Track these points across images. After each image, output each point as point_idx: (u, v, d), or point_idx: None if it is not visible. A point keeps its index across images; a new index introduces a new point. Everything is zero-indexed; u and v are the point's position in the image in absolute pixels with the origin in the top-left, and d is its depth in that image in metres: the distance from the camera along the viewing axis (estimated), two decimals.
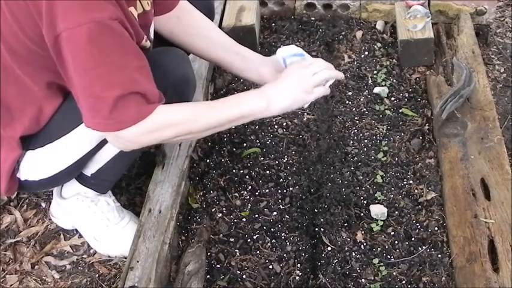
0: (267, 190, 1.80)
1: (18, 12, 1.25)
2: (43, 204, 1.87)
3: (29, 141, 1.47)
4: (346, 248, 1.65)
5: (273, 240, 1.67)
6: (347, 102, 2.13)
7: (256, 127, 1.99)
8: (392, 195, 1.79)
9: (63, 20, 1.19)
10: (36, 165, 1.50)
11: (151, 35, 1.56)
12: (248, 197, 1.79)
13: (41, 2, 1.19)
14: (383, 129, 2.00)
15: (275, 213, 1.74)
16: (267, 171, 1.86)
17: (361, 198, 1.79)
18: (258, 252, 1.65)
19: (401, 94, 2.15)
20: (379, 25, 2.45)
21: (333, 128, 2.02)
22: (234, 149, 1.93)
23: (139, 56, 1.30)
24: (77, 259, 1.73)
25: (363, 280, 1.58)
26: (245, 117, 1.44)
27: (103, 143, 1.49)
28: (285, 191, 1.80)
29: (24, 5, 1.22)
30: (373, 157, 1.91)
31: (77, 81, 1.25)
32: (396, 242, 1.67)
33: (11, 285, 1.67)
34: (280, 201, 1.77)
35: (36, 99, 1.39)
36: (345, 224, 1.72)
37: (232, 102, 1.43)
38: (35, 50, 1.29)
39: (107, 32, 1.22)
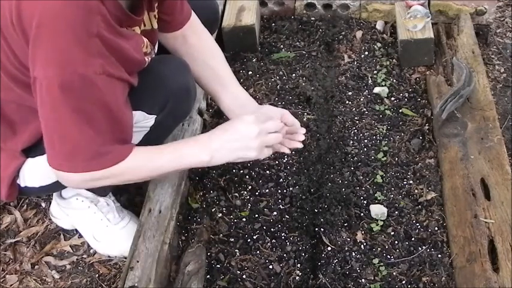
0: (267, 190, 1.80)
1: (12, 42, 1.23)
2: (43, 204, 1.87)
3: (29, 150, 1.46)
4: (346, 248, 1.65)
5: (273, 240, 1.67)
6: (347, 102, 2.13)
7: None
8: (392, 195, 1.79)
9: (43, 66, 1.17)
10: (36, 172, 1.49)
11: (155, 51, 1.56)
12: (248, 197, 1.79)
13: (28, 39, 1.17)
14: (383, 129, 2.00)
15: (275, 213, 1.74)
16: (267, 171, 1.86)
17: (361, 198, 1.79)
18: (258, 252, 1.65)
19: (401, 94, 2.15)
20: (379, 25, 2.45)
21: (333, 128, 2.02)
22: None
23: (120, 111, 1.30)
24: (77, 259, 1.73)
25: (363, 280, 1.58)
26: (185, 168, 1.49)
27: None
28: (285, 191, 1.80)
29: (16, 38, 1.20)
30: (373, 157, 1.91)
31: (46, 119, 1.26)
32: (396, 242, 1.67)
33: (11, 285, 1.67)
34: (280, 201, 1.77)
35: (36, 112, 1.37)
36: (345, 224, 1.72)
37: (174, 155, 1.41)
38: (28, 74, 1.27)
39: (89, 86, 1.20)
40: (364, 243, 1.66)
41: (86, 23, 1.16)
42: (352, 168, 1.88)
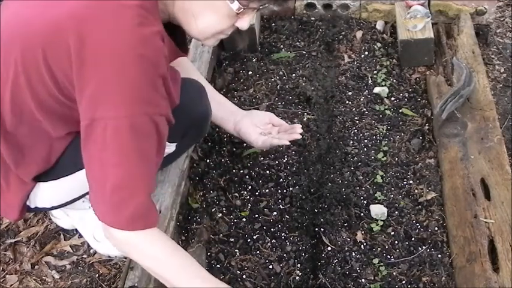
0: (267, 190, 1.80)
1: (58, 70, 1.17)
2: None
3: (40, 174, 1.42)
4: (346, 248, 1.65)
5: (273, 240, 1.67)
6: (347, 102, 2.13)
7: None
8: (392, 195, 1.79)
9: (114, 106, 1.12)
10: (50, 195, 1.48)
11: None
12: (248, 197, 1.79)
13: (88, 76, 1.12)
14: (383, 129, 2.00)
15: (275, 213, 1.74)
16: (267, 171, 1.86)
17: (361, 198, 1.79)
18: (258, 252, 1.65)
19: (401, 94, 2.15)
20: (379, 25, 2.45)
21: (333, 128, 2.02)
22: (234, 149, 1.93)
23: (162, 157, 1.26)
24: (77, 259, 1.73)
25: (363, 280, 1.58)
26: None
27: None
28: (285, 191, 1.80)
29: (69, 70, 1.14)
30: (373, 157, 1.91)
31: (103, 163, 1.17)
32: (396, 242, 1.67)
33: (11, 285, 1.67)
34: (280, 201, 1.77)
35: (48, 139, 1.34)
36: (345, 224, 1.72)
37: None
38: (66, 104, 1.23)
39: (152, 126, 1.17)
40: (364, 243, 1.66)
41: (156, 64, 1.15)
42: (352, 168, 1.88)
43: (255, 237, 1.68)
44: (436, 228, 1.69)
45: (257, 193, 1.80)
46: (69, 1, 1.16)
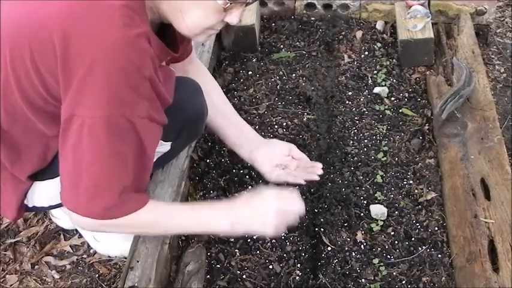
0: None
1: (46, 70, 1.17)
2: None
3: (36, 173, 1.43)
4: (346, 248, 1.65)
5: (273, 240, 1.67)
6: (347, 102, 2.13)
7: (256, 127, 1.99)
8: (392, 195, 1.79)
9: (92, 106, 1.13)
10: (47, 194, 1.48)
11: None
12: None
13: (72, 75, 1.13)
14: (383, 129, 2.00)
15: None
16: None
17: (361, 198, 1.79)
18: (258, 252, 1.65)
19: (401, 94, 2.15)
20: (379, 25, 2.45)
21: (333, 128, 2.02)
22: None
23: (150, 158, 1.27)
24: (77, 259, 1.73)
25: (363, 280, 1.58)
26: (203, 233, 1.52)
27: None
28: None
29: (54, 68, 1.15)
30: (373, 157, 1.91)
31: (78, 159, 1.20)
32: (396, 242, 1.67)
33: (11, 285, 1.67)
34: None
35: (43, 137, 1.35)
36: (345, 224, 1.72)
37: (194, 219, 1.36)
38: (53, 103, 1.24)
39: (129, 127, 1.18)
40: (364, 243, 1.66)
41: (140, 66, 1.15)
42: (352, 168, 1.88)
43: (255, 237, 1.68)
44: (436, 228, 1.69)
45: None
46: (60, 1, 1.16)
